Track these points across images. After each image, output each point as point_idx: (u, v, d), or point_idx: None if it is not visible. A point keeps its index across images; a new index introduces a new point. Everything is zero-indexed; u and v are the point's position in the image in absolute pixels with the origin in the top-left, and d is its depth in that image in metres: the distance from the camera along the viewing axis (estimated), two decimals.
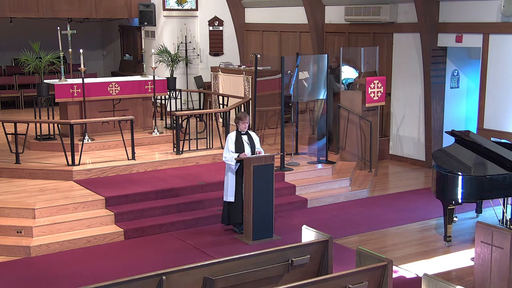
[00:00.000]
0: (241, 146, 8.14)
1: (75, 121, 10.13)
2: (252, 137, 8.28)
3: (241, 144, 8.16)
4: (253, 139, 8.28)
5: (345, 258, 7.29)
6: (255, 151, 8.19)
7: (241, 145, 8.15)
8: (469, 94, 12.11)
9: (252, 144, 8.23)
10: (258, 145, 8.32)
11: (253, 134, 8.37)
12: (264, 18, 15.76)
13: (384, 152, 12.57)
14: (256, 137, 8.38)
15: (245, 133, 8.25)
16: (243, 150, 8.11)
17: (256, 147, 8.25)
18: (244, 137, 8.23)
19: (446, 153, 8.41)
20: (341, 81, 11.25)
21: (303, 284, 4.92)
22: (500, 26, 10.44)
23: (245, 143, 8.18)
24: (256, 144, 8.29)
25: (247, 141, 8.21)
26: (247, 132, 8.28)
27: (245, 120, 8.24)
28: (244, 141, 8.20)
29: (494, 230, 6.33)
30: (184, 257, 7.50)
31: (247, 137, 8.24)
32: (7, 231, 7.92)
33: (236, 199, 8.20)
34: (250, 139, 8.26)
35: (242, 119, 8.26)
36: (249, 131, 8.36)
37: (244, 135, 8.24)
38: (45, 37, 12.87)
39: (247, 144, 8.19)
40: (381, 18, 12.19)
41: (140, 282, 4.89)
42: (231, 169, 8.20)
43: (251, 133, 8.35)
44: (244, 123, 8.22)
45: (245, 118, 8.26)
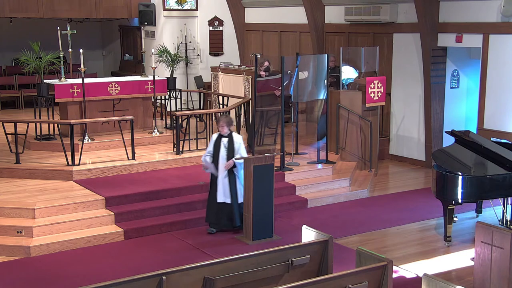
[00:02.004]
0: (217, 149, 8.13)
1: (75, 121, 10.13)
2: (233, 141, 8.14)
3: (218, 146, 8.13)
4: (234, 144, 8.13)
5: (345, 258, 7.29)
6: (233, 155, 8.05)
7: (217, 148, 8.13)
8: (469, 94, 12.11)
9: (231, 148, 8.09)
10: (241, 151, 8.14)
11: (237, 139, 8.20)
12: (264, 18, 15.76)
13: (384, 152, 12.57)
14: (239, 142, 8.19)
15: (226, 136, 8.15)
16: (218, 152, 8.09)
17: (236, 152, 8.09)
18: (223, 140, 8.14)
19: (446, 153, 8.41)
20: (340, 81, 11.25)
21: (303, 284, 4.92)
22: (500, 26, 10.44)
23: (222, 146, 8.11)
24: (236, 148, 8.12)
25: (225, 144, 8.11)
26: (230, 135, 8.17)
27: (220, 123, 8.13)
28: (222, 143, 8.12)
29: (494, 230, 6.33)
30: (184, 257, 7.49)
31: (227, 140, 8.13)
32: (7, 231, 7.92)
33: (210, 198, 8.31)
34: (230, 143, 8.13)
35: (218, 122, 8.22)
36: (234, 134, 8.25)
37: (225, 138, 8.14)
38: (45, 37, 12.87)
39: (224, 147, 8.11)
40: (381, 18, 12.19)
41: (140, 282, 4.89)
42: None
43: (234, 137, 8.21)
44: (220, 126, 8.13)
45: (221, 122, 8.14)
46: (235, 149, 8.11)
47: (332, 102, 11.22)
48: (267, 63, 11.22)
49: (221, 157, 8.12)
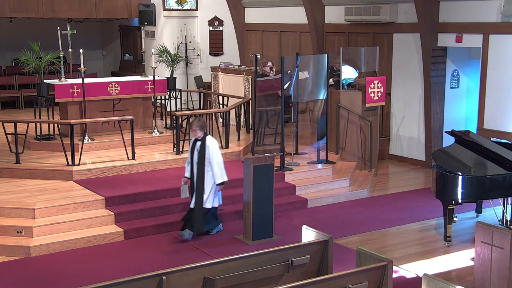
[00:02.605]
0: (192, 153, 7.97)
1: (75, 121, 10.12)
2: (205, 146, 7.89)
3: (192, 150, 7.97)
4: (205, 149, 7.88)
5: (345, 258, 7.29)
6: (204, 160, 7.86)
7: (192, 152, 7.97)
8: (469, 94, 12.11)
9: (202, 154, 7.87)
10: (213, 156, 7.87)
11: (210, 143, 7.94)
12: (264, 18, 15.76)
13: (384, 152, 12.57)
14: (213, 147, 7.92)
15: (200, 139, 7.93)
16: (192, 156, 7.93)
17: (208, 157, 7.86)
18: (197, 144, 7.94)
19: (446, 153, 8.41)
20: (340, 82, 11.25)
21: (303, 284, 4.92)
22: (500, 26, 10.44)
23: (195, 151, 7.93)
24: (207, 153, 7.87)
25: (197, 149, 7.91)
26: (203, 140, 7.92)
27: (193, 127, 7.91)
28: (195, 148, 7.94)
29: (494, 230, 6.33)
30: (184, 257, 7.50)
31: (199, 145, 7.91)
32: (7, 231, 7.92)
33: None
34: (202, 148, 7.89)
35: (191, 126, 8.01)
36: (208, 138, 7.98)
37: (199, 142, 7.93)
38: (45, 37, 12.88)
39: (197, 151, 7.91)
40: (381, 18, 12.19)
41: (140, 282, 4.89)
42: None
43: (207, 141, 7.94)
44: (193, 130, 7.92)
45: (194, 126, 7.91)
46: (206, 153, 7.87)
47: (332, 102, 11.22)
48: (270, 63, 11.20)
49: (194, 161, 7.94)
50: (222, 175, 7.98)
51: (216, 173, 7.93)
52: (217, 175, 7.94)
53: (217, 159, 7.94)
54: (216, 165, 7.93)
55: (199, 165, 7.90)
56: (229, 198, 9.18)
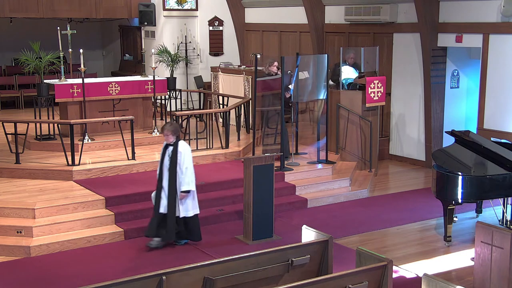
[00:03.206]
0: (162, 158, 7.68)
1: (75, 121, 10.13)
2: (177, 152, 7.59)
3: (163, 156, 7.68)
4: (177, 154, 7.58)
5: (345, 258, 7.29)
6: (175, 166, 7.55)
7: (163, 157, 7.68)
8: (469, 94, 12.11)
9: (173, 159, 7.57)
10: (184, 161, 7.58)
11: (181, 148, 7.63)
12: (264, 18, 15.76)
13: (384, 152, 12.57)
14: (185, 153, 7.63)
15: (172, 144, 7.63)
16: (163, 161, 7.65)
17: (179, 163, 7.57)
18: (168, 149, 7.63)
19: (446, 153, 8.41)
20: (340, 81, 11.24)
21: (303, 284, 4.92)
22: (500, 26, 10.44)
23: (166, 156, 7.63)
24: (179, 159, 7.58)
25: (169, 154, 7.60)
26: (175, 145, 7.62)
27: (165, 132, 7.61)
28: (167, 153, 7.63)
29: (494, 230, 6.33)
30: (184, 257, 7.50)
31: (171, 150, 7.61)
32: (7, 231, 7.92)
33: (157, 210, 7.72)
34: (174, 153, 7.59)
35: (163, 130, 7.70)
36: (180, 143, 7.67)
37: (171, 147, 7.63)
38: (45, 37, 12.88)
39: (168, 157, 7.61)
40: (381, 18, 12.19)
41: (140, 282, 4.89)
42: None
43: (179, 146, 7.64)
44: (165, 135, 7.63)
45: (165, 130, 7.61)
46: (178, 159, 7.57)
47: (332, 102, 11.22)
48: (276, 63, 11.19)
49: (165, 167, 7.64)
50: (189, 183, 7.66)
51: (185, 180, 7.61)
52: (185, 183, 7.62)
53: (188, 165, 7.64)
54: (185, 172, 7.62)
55: (171, 171, 7.60)
56: (229, 198, 9.20)
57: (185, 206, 7.74)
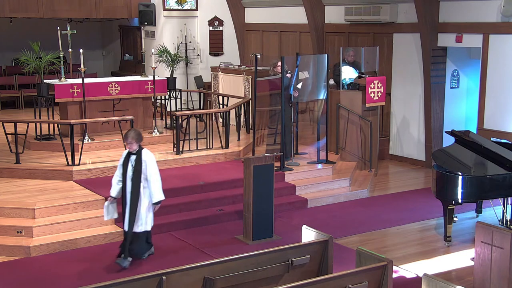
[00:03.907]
0: (125, 168, 7.17)
1: (75, 121, 10.13)
2: (141, 160, 7.12)
3: (125, 165, 7.17)
4: (141, 163, 7.11)
5: (345, 258, 7.29)
6: (139, 176, 7.10)
7: (125, 167, 7.17)
8: (469, 94, 12.11)
9: (137, 168, 7.09)
10: (148, 171, 7.12)
11: (146, 157, 7.17)
12: (264, 18, 15.76)
13: (384, 152, 12.57)
14: (150, 161, 7.17)
15: (135, 153, 7.15)
16: (126, 172, 7.14)
17: (143, 173, 7.11)
18: (132, 158, 7.14)
19: (446, 153, 8.41)
20: (340, 81, 11.24)
21: (303, 284, 4.92)
22: (500, 26, 10.44)
23: (129, 165, 7.13)
24: (143, 168, 7.11)
25: (132, 163, 7.12)
26: (139, 153, 7.15)
27: (129, 140, 7.09)
28: (130, 162, 7.14)
29: (494, 230, 6.33)
30: (184, 257, 7.50)
31: (134, 159, 7.13)
32: (7, 231, 7.91)
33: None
34: (137, 162, 7.11)
35: (126, 138, 7.16)
36: (144, 151, 7.20)
37: (134, 155, 7.14)
38: (45, 37, 12.88)
39: (132, 166, 7.11)
40: (381, 18, 12.20)
41: (140, 282, 4.89)
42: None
43: (143, 155, 7.17)
44: (128, 143, 7.12)
45: (129, 138, 7.09)
46: (142, 168, 7.12)
47: (332, 102, 11.23)
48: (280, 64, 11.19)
49: (128, 177, 7.14)
50: (159, 194, 7.26)
51: (154, 191, 7.20)
52: (154, 193, 7.21)
53: (155, 175, 7.20)
54: (153, 182, 7.18)
55: (134, 181, 7.12)
56: (229, 198, 9.20)
57: (147, 219, 7.29)
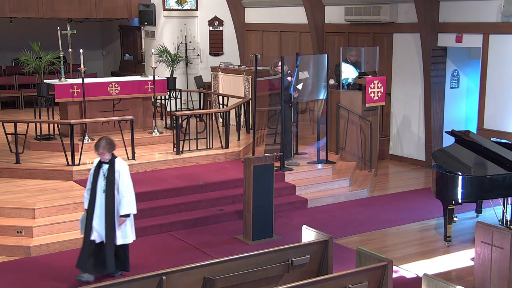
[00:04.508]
0: (96, 178, 6.73)
1: (75, 121, 10.13)
2: (114, 171, 6.71)
3: (96, 175, 6.74)
4: (114, 173, 6.69)
5: (345, 258, 7.29)
6: (113, 187, 6.68)
7: (96, 177, 6.74)
8: (469, 94, 12.11)
9: (111, 179, 6.68)
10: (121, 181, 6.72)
11: (119, 166, 6.75)
12: (264, 18, 15.76)
13: (384, 152, 12.57)
14: (123, 172, 6.76)
15: (107, 162, 6.74)
16: (97, 182, 6.72)
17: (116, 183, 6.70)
18: (103, 168, 6.72)
19: (446, 153, 8.41)
20: (340, 81, 11.24)
21: (303, 284, 4.92)
22: (500, 26, 10.44)
23: (101, 174, 6.72)
24: (116, 178, 6.70)
25: (104, 173, 6.70)
26: (111, 163, 6.73)
27: (100, 150, 6.67)
28: (101, 172, 6.72)
29: (494, 230, 6.33)
30: (184, 257, 7.50)
31: (107, 168, 6.71)
32: (7, 231, 7.92)
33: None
34: (110, 172, 6.69)
35: (97, 148, 6.72)
36: (117, 160, 6.78)
37: (106, 165, 6.73)
38: (45, 37, 12.88)
39: (104, 177, 6.70)
40: (381, 18, 12.20)
41: (140, 282, 4.89)
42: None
43: (116, 164, 6.75)
44: (100, 154, 6.70)
45: (100, 148, 6.67)
46: (115, 179, 6.70)
47: (332, 102, 11.23)
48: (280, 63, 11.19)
49: (99, 188, 6.72)
50: (130, 206, 6.81)
51: (126, 203, 6.76)
52: (124, 205, 6.76)
53: (129, 186, 6.81)
54: (126, 193, 6.77)
55: (108, 193, 6.68)
56: (229, 198, 9.20)
57: (124, 232, 6.87)
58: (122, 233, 6.84)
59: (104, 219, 6.69)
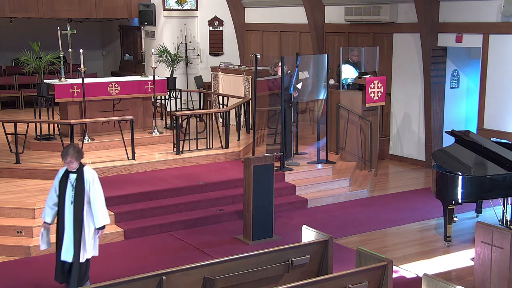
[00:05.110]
0: (63, 189, 6.25)
1: (75, 121, 10.13)
2: (83, 180, 6.24)
3: (64, 186, 6.25)
4: (84, 183, 6.23)
5: (345, 258, 7.29)
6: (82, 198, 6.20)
7: (63, 188, 6.25)
8: (469, 94, 12.11)
9: (80, 189, 6.21)
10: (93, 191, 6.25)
11: (88, 175, 6.28)
12: (264, 18, 15.76)
13: (384, 152, 12.57)
14: (93, 180, 6.28)
15: (75, 171, 6.26)
16: (64, 194, 6.24)
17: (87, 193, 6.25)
18: (71, 177, 6.25)
19: (446, 153, 8.41)
20: (340, 81, 11.24)
21: (303, 284, 4.92)
22: (500, 26, 10.44)
23: (69, 185, 6.23)
24: (86, 189, 6.24)
25: (72, 183, 6.22)
26: (80, 172, 6.26)
27: (68, 159, 6.20)
28: (69, 182, 6.24)
29: (494, 230, 6.33)
30: (184, 257, 7.50)
31: (75, 178, 6.24)
32: (7, 231, 7.92)
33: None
34: (79, 182, 6.22)
35: (64, 157, 6.23)
36: (85, 169, 6.32)
37: (73, 174, 6.25)
38: (45, 37, 12.88)
39: (72, 187, 6.22)
40: (381, 18, 12.19)
41: (140, 282, 4.89)
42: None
43: (85, 173, 6.28)
44: (68, 162, 6.22)
45: (68, 157, 6.19)
46: (84, 188, 6.24)
47: (332, 102, 11.23)
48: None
49: (67, 200, 6.24)
50: (105, 217, 6.41)
51: (98, 214, 6.34)
52: (99, 217, 6.34)
53: (100, 196, 6.36)
54: (98, 204, 6.32)
55: (76, 205, 6.22)
56: (229, 198, 9.20)
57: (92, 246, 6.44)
58: (89, 248, 6.37)
59: (72, 234, 6.23)
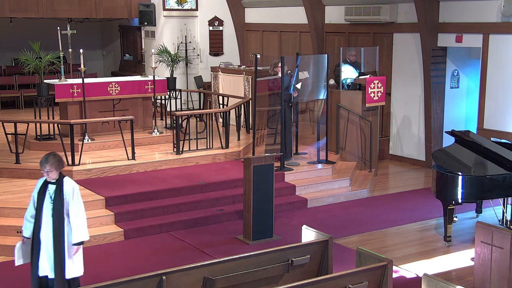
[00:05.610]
0: (41, 201, 5.86)
1: (75, 121, 10.13)
2: (62, 192, 5.87)
3: (42, 198, 5.88)
4: (63, 195, 5.86)
5: (345, 258, 7.29)
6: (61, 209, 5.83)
7: (41, 200, 5.87)
8: (469, 94, 12.12)
9: (59, 201, 5.84)
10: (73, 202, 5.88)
11: (68, 186, 5.90)
12: (264, 18, 15.76)
13: (384, 152, 12.57)
14: (73, 192, 5.92)
15: (54, 182, 5.90)
16: (42, 206, 5.85)
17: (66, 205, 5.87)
18: (50, 188, 5.88)
19: (446, 153, 8.41)
20: (340, 81, 11.24)
21: (303, 284, 4.92)
22: (500, 26, 10.44)
23: (47, 196, 5.87)
24: (66, 200, 5.86)
25: (51, 195, 5.86)
26: (59, 183, 5.89)
27: (47, 168, 5.82)
28: (47, 193, 5.88)
29: (494, 230, 6.33)
30: (184, 257, 7.50)
31: (54, 189, 5.88)
32: (7, 231, 7.92)
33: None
34: (58, 193, 5.85)
35: (43, 166, 5.86)
36: (65, 180, 5.93)
37: (53, 185, 5.89)
38: (45, 37, 12.87)
39: (50, 199, 5.85)
40: (381, 18, 12.20)
41: (140, 282, 4.89)
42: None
43: (65, 184, 5.90)
44: (47, 172, 5.85)
45: (47, 166, 5.82)
46: (64, 200, 5.86)
47: (332, 102, 11.23)
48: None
49: (45, 211, 5.84)
50: (84, 232, 5.99)
51: (77, 228, 5.92)
52: (77, 232, 5.92)
53: (80, 209, 5.98)
54: (77, 218, 5.93)
55: (56, 218, 5.83)
56: (229, 198, 9.20)
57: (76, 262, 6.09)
58: (73, 264, 6.02)
59: (52, 249, 5.85)
